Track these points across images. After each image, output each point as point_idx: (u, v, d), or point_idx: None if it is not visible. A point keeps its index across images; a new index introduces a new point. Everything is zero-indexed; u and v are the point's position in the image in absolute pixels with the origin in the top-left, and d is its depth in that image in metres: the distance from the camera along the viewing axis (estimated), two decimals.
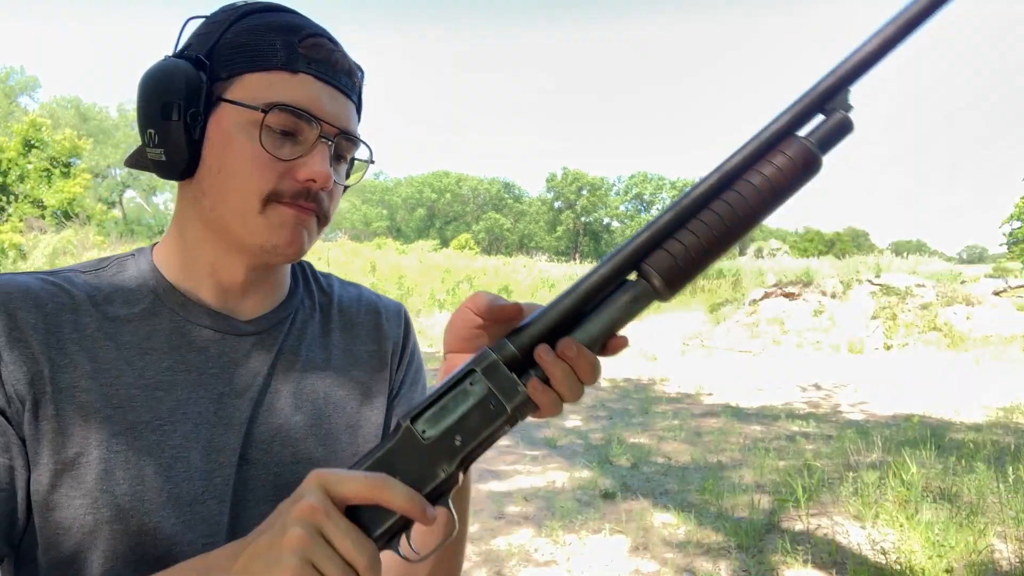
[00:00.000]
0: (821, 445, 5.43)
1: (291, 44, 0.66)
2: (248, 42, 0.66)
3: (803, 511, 3.75)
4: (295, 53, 0.66)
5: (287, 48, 0.66)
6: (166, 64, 0.65)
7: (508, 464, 5.04)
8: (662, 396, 7.87)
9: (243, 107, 0.64)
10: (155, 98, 0.64)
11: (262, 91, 0.65)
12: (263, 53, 0.65)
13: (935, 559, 3.01)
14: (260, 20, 0.67)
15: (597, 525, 3.80)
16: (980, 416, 6.86)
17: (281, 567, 0.47)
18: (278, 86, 0.65)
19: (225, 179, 0.65)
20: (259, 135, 0.64)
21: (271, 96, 0.64)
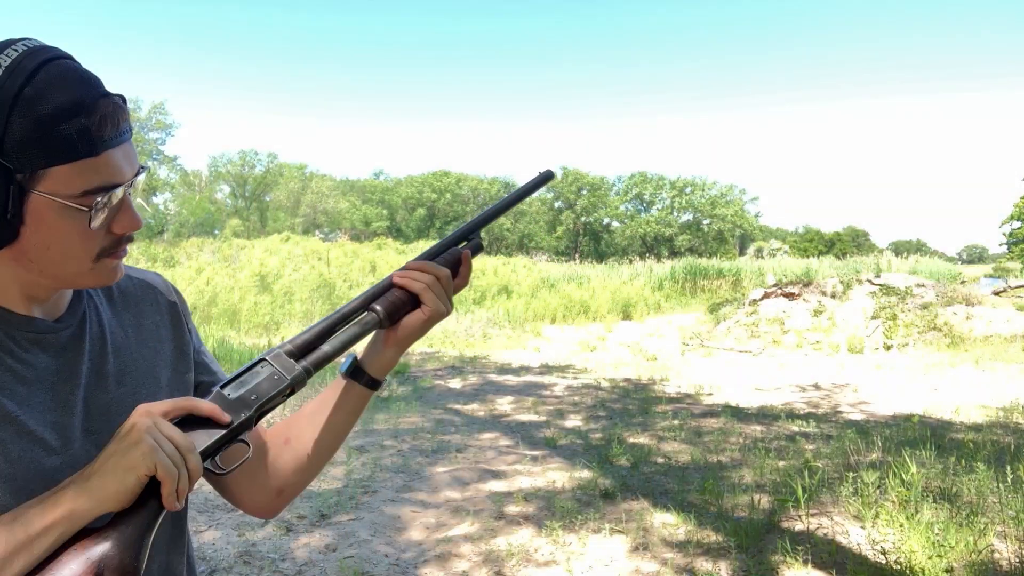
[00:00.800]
0: (821, 445, 5.43)
1: (86, 130, 0.68)
2: (41, 137, 0.66)
3: (803, 511, 3.75)
4: (91, 138, 0.68)
5: (82, 135, 0.67)
6: None
7: (508, 464, 5.04)
8: (662, 396, 7.87)
9: (58, 199, 0.69)
10: None
11: (72, 181, 0.68)
12: (61, 148, 0.67)
13: (935, 559, 3.01)
14: (41, 108, 0.66)
15: (597, 525, 3.80)
16: (980, 416, 6.86)
17: (137, 449, 0.67)
18: (87, 173, 0.69)
19: (55, 254, 0.72)
20: (83, 219, 0.70)
21: (83, 184, 0.69)
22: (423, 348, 11.89)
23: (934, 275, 16.01)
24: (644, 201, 70.67)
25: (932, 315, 12.44)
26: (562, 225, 68.46)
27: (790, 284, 14.96)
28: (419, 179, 72.61)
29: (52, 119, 0.66)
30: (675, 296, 20.19)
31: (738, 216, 67.26)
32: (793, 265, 19.31)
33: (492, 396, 7.77)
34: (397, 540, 3.64)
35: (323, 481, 4.54)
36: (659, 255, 43.55)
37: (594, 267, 26.90)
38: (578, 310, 17.14)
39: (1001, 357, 9.77)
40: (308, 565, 3.31)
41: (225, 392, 0.79)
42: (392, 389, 8.00)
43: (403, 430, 6.04)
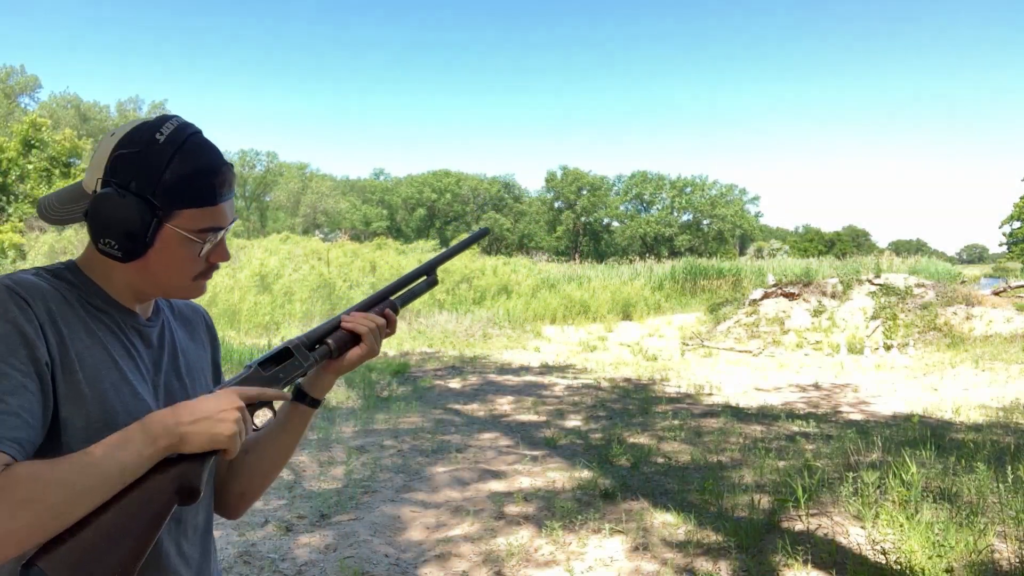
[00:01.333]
0: (821, 445, 5.43)
1: (213, 186, 0.96)
2: (185, 186, 0.94)
3: (803, 511, 3.75)
4: (215, 192, 0.96)
5: (210, 190, 0.96)
6: (124, 202, 0.92)
7: (508, 464, 5.04)
8: (662, 396, 7.87)
9: (183, 232, 0.96)
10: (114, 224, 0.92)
11: (197, 221, 0.96)
12: (197, 196, 0.95)
13: (935, 559, 3.01)
14: (189, 164, 0.94)
15: (597, 525, 3.80)
16: (980, 416, 6.86)
17: (226, 426, 0.90)
18: (208, 217, 0.97)
19: (168, 272, 0.99)
20: (196, 250, 0.98)
21: (203, 224, 0.96)
22: (423, 348, 11.89)
23: (934, 275, 16.00)
24: (644, 201, 70.63)
25: (932, 315, 12.44)
26: (562, 225, 68.42)
27: (790, 284, 14.96)
28: (419, 179, 72.54)
29: (193, 176, 0.94)
30: (675, 296, 20.19)
31: (738, 216, 67.25)
32: (793, 265, 19.31)
33: (492, 396, 7.77)
34: (397, 540, 3.64)
35: (323, 481, 4.54)
36: (659, 255, 43.54)
37: (594, 267, 26.91)
38: (578, 310, 17.14)
39: (1001, 357, 9.77)
40: (308, 565, 3.31)
41: (262, 370, 1.04)
42: (392, 389, 8.00)
43: (403, 430, 6.04)
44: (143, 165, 0.93)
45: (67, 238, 15.40)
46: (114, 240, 0.93)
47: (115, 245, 0.93)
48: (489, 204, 71.84)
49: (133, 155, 0.93)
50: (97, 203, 0.93)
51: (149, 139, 0.94)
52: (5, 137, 19.27)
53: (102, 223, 0.93)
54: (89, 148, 21.67)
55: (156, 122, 0.96)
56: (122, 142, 0.94)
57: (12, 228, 16.37)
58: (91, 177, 0.96)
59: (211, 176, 0.96)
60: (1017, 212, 53.14)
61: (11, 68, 39.10)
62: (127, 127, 0.97)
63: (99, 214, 0.92)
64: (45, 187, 18.49)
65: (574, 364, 10.45)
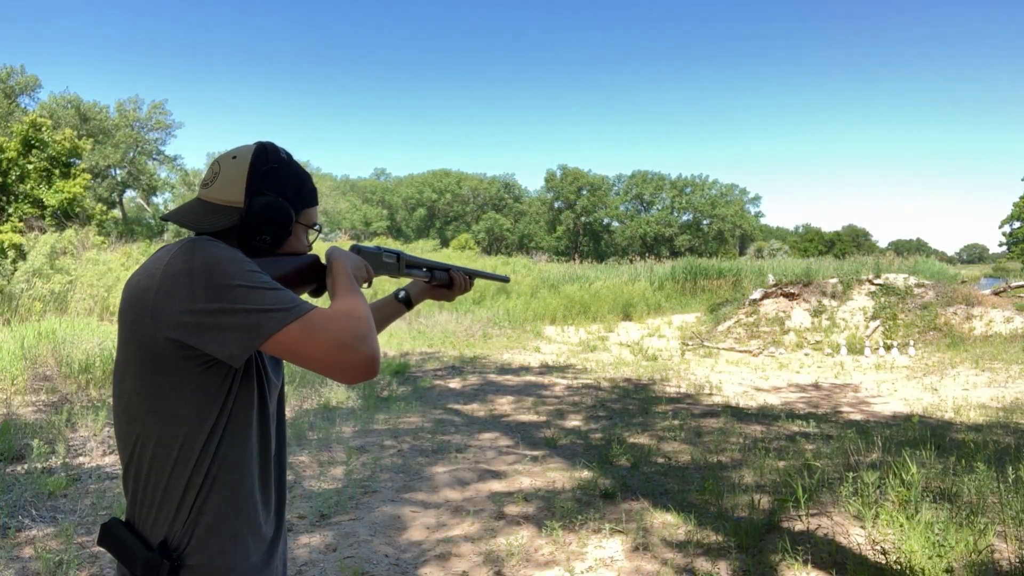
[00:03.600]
0: (821, 445, 5.43)
1: (315, 190, 1.32)
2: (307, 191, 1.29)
3: (803, 511, 3.75)
4: (316, 193, 1.33)
5: (314, 192, 1.32)
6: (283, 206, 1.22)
7: (508, 464, 5.04)
8: (662, 396, 7.87)
9: (306, 226, 1.32)
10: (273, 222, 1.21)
11: (311, 217, 1.32)
12: (311, 197, 1.30)
13: (935, 559, 3.00)
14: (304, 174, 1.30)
15: (597, 525, 3.80)
16: (980, 416, 6.85)
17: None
18: (315, 213, 1.34)
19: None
20: (307, 240, 1.34)
21: (314, 218, 1.34)
22: (423, 348, 11.89)
23: (934, 275, 15.99)
24: (644, 201, 70.61)
25: (932, 315, 12.43)
26: (562, 225, 68.40)
27: (790, 284, 14.95)
28: (419, 179, 72.53)
29: (308, 182, 1.30)
30: (675, 296, 20.17)
31: (738, 216, 67.22)
32: (793, 265, 19.27)
33: (492, 396, 7.77)
34: (397, 540, 3.64)
35: (323, 481, 4.54)
36: (659, 255, 43.51)
37: (594, 267, 26.90)
38: (578, 310, 17.12)
39: (1001, 357, 9.77)
40: (308, 565, 3.31)
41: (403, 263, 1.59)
42: (392, 389, 8.00)
43: (403, 430, 6.03)
44: (286, 177, 1.24)
45: (67, 238, 15.37)
46: (268, 235, 1.21)
47: (268, 240, 1.21)
48: (489, 204, 71.80)
49: (276, 170, 1.23)
50: (261, 208, 1.19)
51: (281, 158, 1.25)
52: (5, 137, 19.24)
53: (263, 223, 1.19)
54: (89, 148, 21.66)
55: (271, 145, 1.26)
56: (258, 162, 1.21)
57: (12, 228, 16.35)
58: (231, 190, 1.19)
59: (312, 182, 1.32)
60: (1017, 212, 53.12)
61: (11, 68, 39.02)
62: (245, 151, 1.23)
63: (262, 216, 1.19)
64: (45, 187, 18.47)
65: (574, 364, 10.45)
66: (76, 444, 5.23)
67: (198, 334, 1.03)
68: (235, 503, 1.13)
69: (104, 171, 41.25)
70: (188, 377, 1.08)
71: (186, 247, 1.08)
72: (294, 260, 1.28)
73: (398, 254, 1.57)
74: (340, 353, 1.04)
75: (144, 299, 1.06)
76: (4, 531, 3.62)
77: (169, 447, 1.09)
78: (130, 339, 1.09)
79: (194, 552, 1.09)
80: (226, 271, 1.04)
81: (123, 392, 1.12)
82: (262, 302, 1.03)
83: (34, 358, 7.20)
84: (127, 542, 1.09)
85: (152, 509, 1.09)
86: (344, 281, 1.23)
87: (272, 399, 1.26)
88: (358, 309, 1.12)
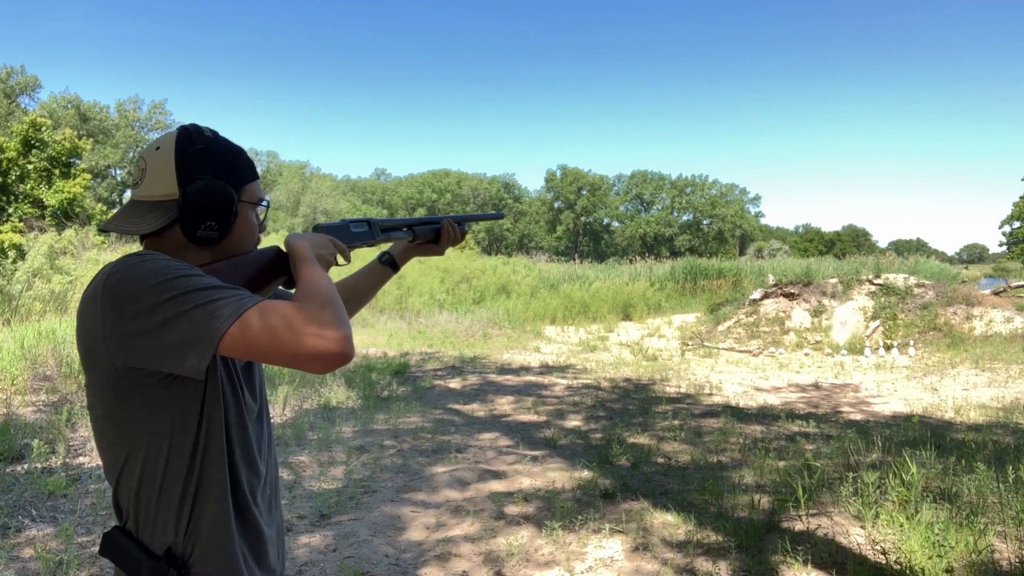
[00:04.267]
0: (821, 445, 5.43)
1: (252, 163, 1.23)
2: (243, 166, 1.19)
3: (803, 511, 3.75)
4: (254, 167, 1.24)
5: (252, 166, 1.23)
6: (220, 186, 1.13)
7: (508, 464, 5.04)
8: (662, 396, 7.87)
9: (251, 204, 1.22)
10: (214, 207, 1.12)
11: (253, 193, 1.22)
12: (249, 171, 1.21)
13: (935, 559, 3.00)
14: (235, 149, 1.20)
15: (597, 525, 3.80)
16: (980, 416, 6.85)
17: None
18: (257, 188, 1.24)
19: (241, 242, 1.21)
20: (255, 219, 1.25)
21: (258, 194, 1.24)
22: (423, 348, 11.89)
23: (934, 275, 15.98)
24: (644, 201, 70.62)
25: (932, 315, 12.43)
26: (562, 225, 68.41)
27: (790, 284, 14.95)
28: (419, 179, 72.57)
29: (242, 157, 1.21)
30: (675, 296, 20.17)
31: (738, 216, 67.24)
32: (793, 265, 19.26)
33: (492, 396, 7.77)
34: (397, 540, 3.64)
35: (323, 481, 4.54)
36: (659, 255, 43.51)
37: (594, 267, 26.89)
38: (578, 310, 17.12)
39: (1001, 357, 9.76)
40: (308, 565, 3.31)
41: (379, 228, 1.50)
42: (392, 389, 8.00)
43: (403, 430, 6.03)
44: (216, 156, 1.14)
45: (67, 238, 15.38)
46: (214, 222, 1.12)
47: (214, 227, 1.12)
48: (489, 204, 71.79)
49: (203, 151, 1.13)
50: (197, 194, 1.10)
51: (206, 137, 1.15)
52: (5, 137, 19.24)
53: (203, 210, 1.11)
54: (89, 148, 21.66)
55: (193, 127, 1.16)
56: (183, 147, 1.12)
57: (12, 228, 16.35)
58: (161, 183, 1.11)
59: (246, 156, 1.22)
60: (1017, 212, 53.14)
61: (11, 68, 39.03)
62: (168, 139, 1.14)
63: (200, 203, 1.10)
64: (45, 187, 18.47)
65: (574, 364, 10.45)
66: (76, 444, 5.23)
67: (152, 356, 0.98)
68: (232, 509, 1.12)
69: (104, 171, 41.25)
70: (156, 394, 1.04)
71: (117, 268, 1.02)
72: (254, 257, 1.20)
73: (368, 220, 1.46)
74: (304, 340, 0.96)
75: (93, 329, 1.02)
76: (4, 531, 3.62)
77: (155, 464, 1.06)
78: (91, 368, 1.05)
79: (199, 561, 1.08)
80: (162, 284, 0.98)
81: (96, 417, 1.09)
82: (206, 306, 0.96)
83: (34, 358, 7.20)
84: (131, 551, 1.07)
85: (148, 524, 1.07)
86: (303, 264, 1.15)
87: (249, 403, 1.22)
88: (321, 291, 1.05)
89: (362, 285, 1.61)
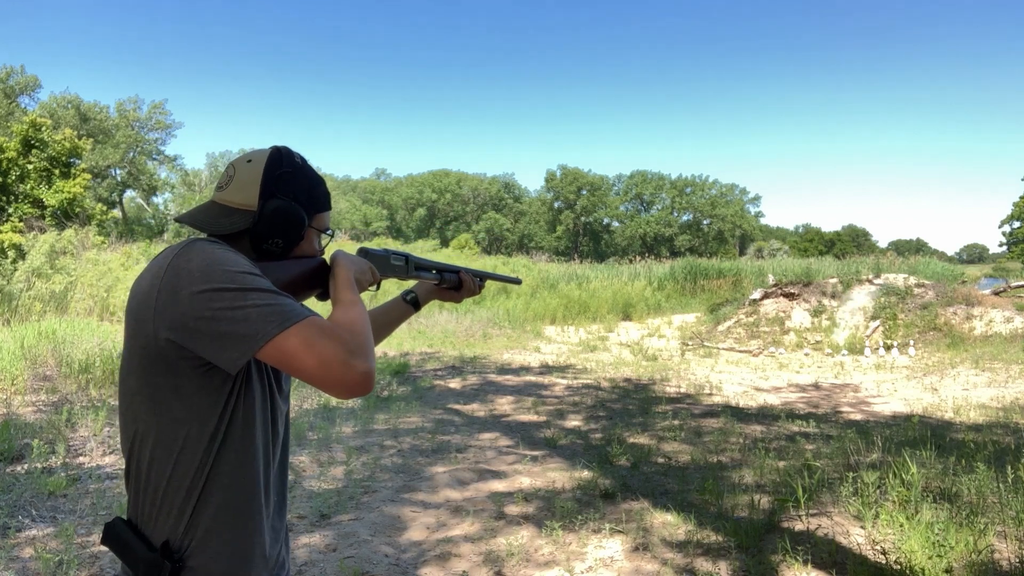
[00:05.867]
0: (821, 445, 5.43)
1: (329, 195, 1.33)
2: (321, 196, 1.30)
3: (803, 511, 3.75)
4: (330, 199, 1.33)
5: (328, 197, 1.33)
6: (296, 209, 1.22)
7: (508, 464, 5.04)
8: (662, 396, 7.87)
9: (319, 231, 1.32)
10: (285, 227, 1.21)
11: (323, 222, 1.32)
12: (325, 202, 1.31)
13: (935, 559, 3.01)
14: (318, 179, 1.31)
15: (597, 525, 3.80)
16: (980, 416, 6.85)
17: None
18: (328, 218, 1.34)
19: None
20: (318, 245, 1.33)
21: (326, 223, 1.34)
22: (423, 348, 11.89)
23: (934, 275, 15.98)
24: (644, 201, 70.63)
25: (932, 315, 12.43)
26: (562, 225, 68.41)
27: (790, 284, 14.95)
28: (419, 179, 72.55)
29: (322, 187, 1.31)
30: (675, 296, 20.17)
31: (738, 216, 67.24)
32: (793, 265, 19.26)
33: (492, 396, 7.77)
34: (397, 540, 3.64)
35: (323, 481, 4.54)
36: (659, 255, 43.52)
37: (594, 267, 26.89)
38: (578, 310, 17.12)
39: (1001, 357, 9.76)
40: (308, 565, 3.31)
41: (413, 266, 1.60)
42: (392, 389, 8.00)
43: (403, 430, 6.03)
44: (300, 181, 1.25)
45: (67, 238, 15.37)
46: (281, 239, 1.21)
47: (280, 243, 1.22)
48: (489, 204, 71.81)
49: (290, 175, 1.23)
50: (273, 211, 1.19)
51: (295, 163, 1.25)
52: (5, 137, 19.24)
53: (275, 227, 1.20)
54: (89, 148, 21.65)
55: (286, 150, 1.26)
56: (272, 166, 1.22)
57: (12, 228, 16.35)
58: (244, 194, 1.20)
59: (326, 187, 1.33)
60: (1017, 212, 53.14)
61: (11, 68, 39.02)
62: (261, 155, 1.24)
63: (274, 219, 1.19)
64: (45, 187, 18.47)
65: (574, 364, 10.45)
66: (76, 444, 5.23)
67: (195, 338, 1.02)
68: (237, 507, 1.13)
69: (104, 171, 41.24)
70: (188, 379, 1.07)
71: (188, 248, 1.07)
72: (300, 263, 1.26)
73: (407, 256, 1.57)
74: (335, 368, 1.01)
75: (148, 299, 1.06)
76: (4, 531, 3.62)
77: (169, 449, 1.08)
78: (134, 338, 1.09)
79: (195, 554, 1.09)
80: (226, 275, 1.03)
81: (126, 391, 1.12)
82: (260, 308, 1.01)
83: (34, 358, 7.20)
84: (130, 542, 1.09)
85: (153, 510, 1.10)
86: (345, 289, 1.22)
87: (278, 405, 1.25)
88: (357, 322, 1.11)
89: (383, 320, 1.65)
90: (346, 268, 1.27)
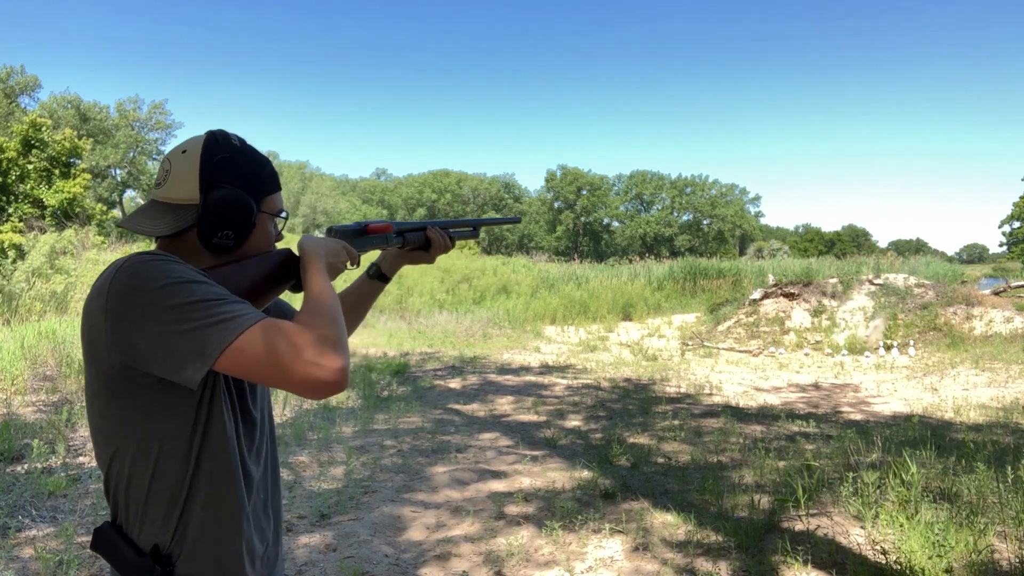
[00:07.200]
0: (821, 445, 5.43)
1: (275, 174, 1.22)
2: (266, 177, 1.19)
3: (803, 511, 3.75)
4: (277, 179, 1.22)
5: (275, 177, 1.21)
6: (242, 196, 1.12)
7: (508, 464, 5.04)
8: (662, 396, 7.87)
9: (271, 215, 1.21)
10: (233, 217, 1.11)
11: (274, 205, 1.21)
12: (272, 183, 1.20)
13: (935, 559, 3.01)
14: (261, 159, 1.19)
15: (597, 525, 3.80)
16: (980, 416, 6.85)
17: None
18: (278, 200, 1.23)
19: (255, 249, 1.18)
20: (273, 230, 1.23)
21: (278, 206, 1.23)
22: (423, 348, 11.89)
23: (934, 275, 15.98)
24: (644, 201, 70.61)
25: (932, 315, 12.43)
26: (562, 225, 68.41)
27: (790, 284, 14.95)
28: (419, 179, 72.62)
29: (266, 167, 1.20)
30: (675, 296, 20.16)
31: (738, 216, 67.22)
32: (793, 265, 19.25)
33: (492, 396, 7.77)
34: (397, 540, 3.64)
35: (323, 481, 4.54)
36: (659, 255, 43.51)
37: (594, 267, 26.88)
38: (578, 310, 17.12)
39: (1001, 357, 9.76)
40: (308, 565, 3.31)
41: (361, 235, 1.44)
42: (392, 389, 8.00)
43: (403, 430, 6.04)
44: (240, 165, 1.14)
45: (67, 238, 15.38)
46: (231, 230, 1.12)
47: (231, 235, 1.12)
48: (489, 204, 71.82)
49: (230, 159, 1.13)
50: (217, 202, 1.10)
51: (233, 146, 1.15)
52: (5, 137, 19.24)
53: (222, 219, 1.10)
54: (89, 148, 21.65)
55: (221, 133, 1.16)
56: (209, 152, 1.12)
57: (12, 228, 16.35)
58: (184, 187, 1.11)
59: (271, 166, 1.22)
60: (1017, 212, 53.14)
61: (11, 68, 39.00)
62: (195, 143, 1.14)
63: (219, 211, 1.10)
64: (45, 187, 18.47)
65: (574, 364, 10.45)
66: (76, 444, 5.23)
67: (149, 361, 0.98)
68: (223, 515, 1.11)
69: (104, 171, 41.23)
70: (152, 399, 1.03)
71: (125, 268, 1.01)
72: (260, 262, 1.18)
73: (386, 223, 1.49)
74: (298, 368, 0.95)
75: (97, 323, 1.02)
76: (4, 531, 3.62)
77: (145, 463, 1.05)
78: (93, 363, 1.05)
79: (186, 562, 1.08)
80: (166, 292, 0.97)
81: (94, 413, 1.09)
82: (208, 319, 0.96)
83: (34, 358, 7.20)
84: (119, 547, 1.07)
85: (137, 520, 1.07)
86: (313, 277, 1.14)
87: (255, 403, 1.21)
88: (324, 315, 1.04)
89: (349, 302, 1.54)
90: (314, 254, 1.18)
